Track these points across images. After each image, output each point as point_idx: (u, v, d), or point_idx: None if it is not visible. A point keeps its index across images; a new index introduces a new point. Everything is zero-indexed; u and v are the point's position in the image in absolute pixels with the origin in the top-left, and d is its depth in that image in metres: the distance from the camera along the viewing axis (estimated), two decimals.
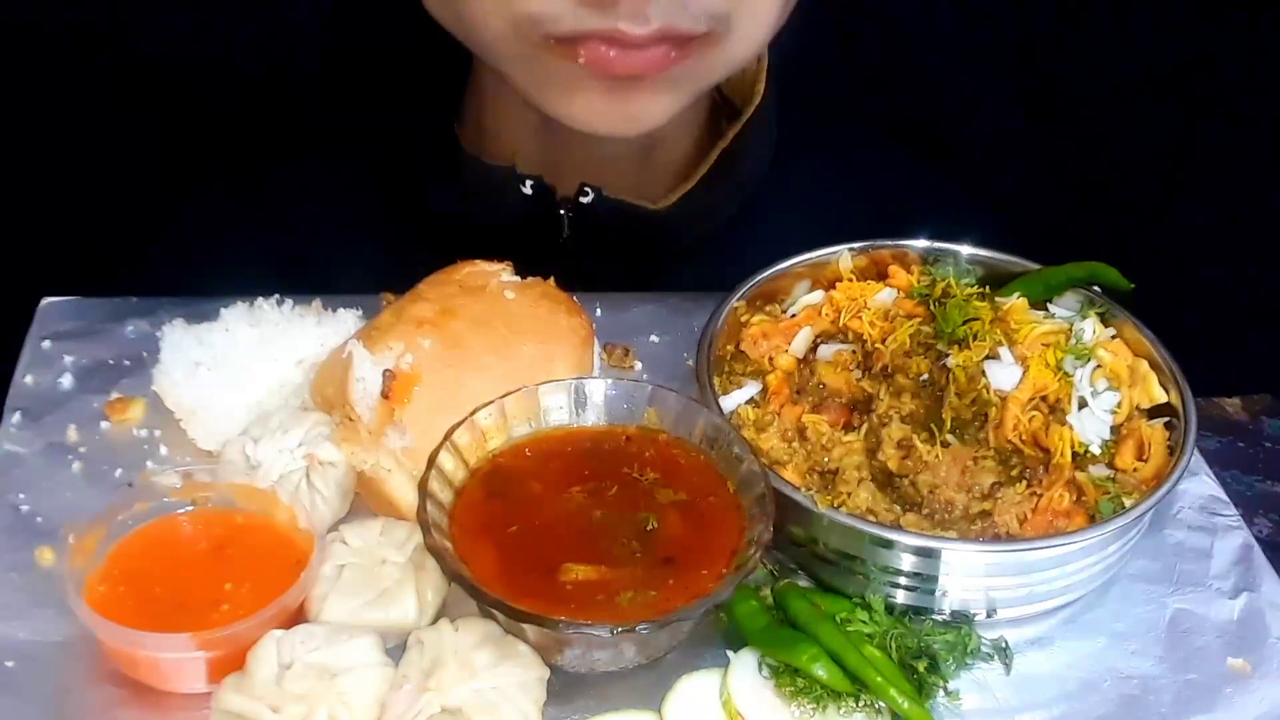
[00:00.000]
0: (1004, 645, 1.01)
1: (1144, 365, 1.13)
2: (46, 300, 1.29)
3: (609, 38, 1.07)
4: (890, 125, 1.80)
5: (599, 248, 1.34)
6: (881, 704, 0.94)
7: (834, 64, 1.69)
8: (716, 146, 1.37)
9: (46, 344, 1.23)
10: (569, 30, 1.08)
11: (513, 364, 1.09)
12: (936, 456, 1.04)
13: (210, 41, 1.65)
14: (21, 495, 1.08)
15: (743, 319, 1.19)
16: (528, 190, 1.32)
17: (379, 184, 1.42)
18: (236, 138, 1.54)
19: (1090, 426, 1.07)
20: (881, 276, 1.22)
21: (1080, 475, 1.05)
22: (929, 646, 0.98)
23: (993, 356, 1.09)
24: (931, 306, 1.14)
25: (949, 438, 1.06)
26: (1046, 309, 1.20)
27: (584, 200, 1.32)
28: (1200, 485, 1.17)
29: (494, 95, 1.36)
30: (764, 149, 1.42)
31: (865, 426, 1.08)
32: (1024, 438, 1.06)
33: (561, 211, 1.34)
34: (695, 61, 1.14)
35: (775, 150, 1.43)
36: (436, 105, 1.38)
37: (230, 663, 0.92)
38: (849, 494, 1.04)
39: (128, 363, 1.22)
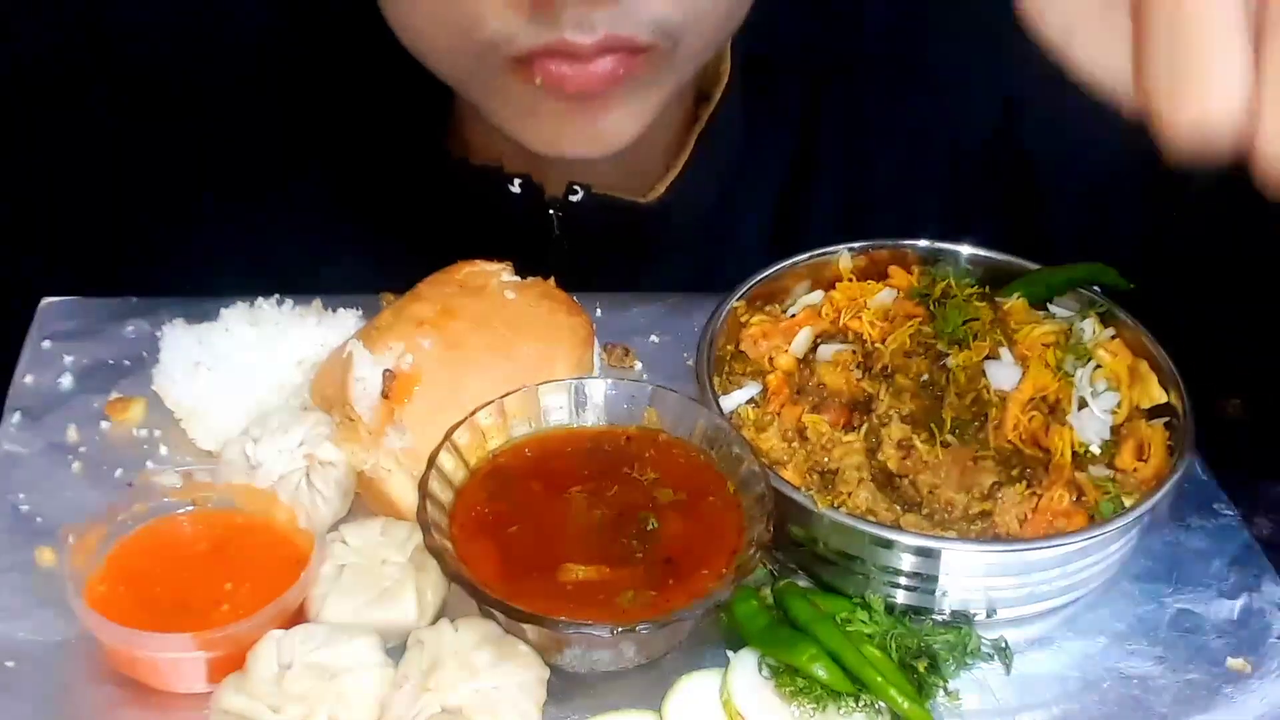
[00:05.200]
0: (1004, 645, 1.01)
1: (1144, 365, 1.13)
2: (46, 300, 1.29)
3: (559, 51, 1.08)
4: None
5: (591, 244, 1.35)
6: (881, 704, 0.94)
7: (805, 34, 1.68)
8: (693, 132, 1.38)
9: (46, 344, 1.23)
10: (523, 49, 1.09)
11: (513, 364, 1.09)
12: (936, 456, 1.04)
13: (207, 44, 1.65)
14: (21, 495, 1.08)
15: (743, 319, 1.19)
16: (515, 189, 1.32)
17: (370, 188, 1.43)
18: (235, 140, 1.54)
19: (1090, 426, 1.07)
20: (881, 276, 1.22)
21: (1080, 475, 1.05)
22: (929, 646, 0.98)
23: (993, 356, 1.09)
24: (931, 307, 1.14)
25: (949, 438, 1.06)
26: (1046, 309, 1.20)
27: (573, 199, 1.32)
28: (1200, 485, 1.17)
29: None
30: (736, 128, 1.43)
31: (865, 426, 1.08)
32: (1024, 438, 1.06)
33: (551, 210, 1.35)
34: (647, 75, 1.14)
35: (750, 127, 1.43)
36: (422, 111, 1.39)
37: (230, 663, 0.92)
38: (849, 494, 1.04)
39: (128, 363, 1.22)
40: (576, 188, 1.32)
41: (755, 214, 1.45)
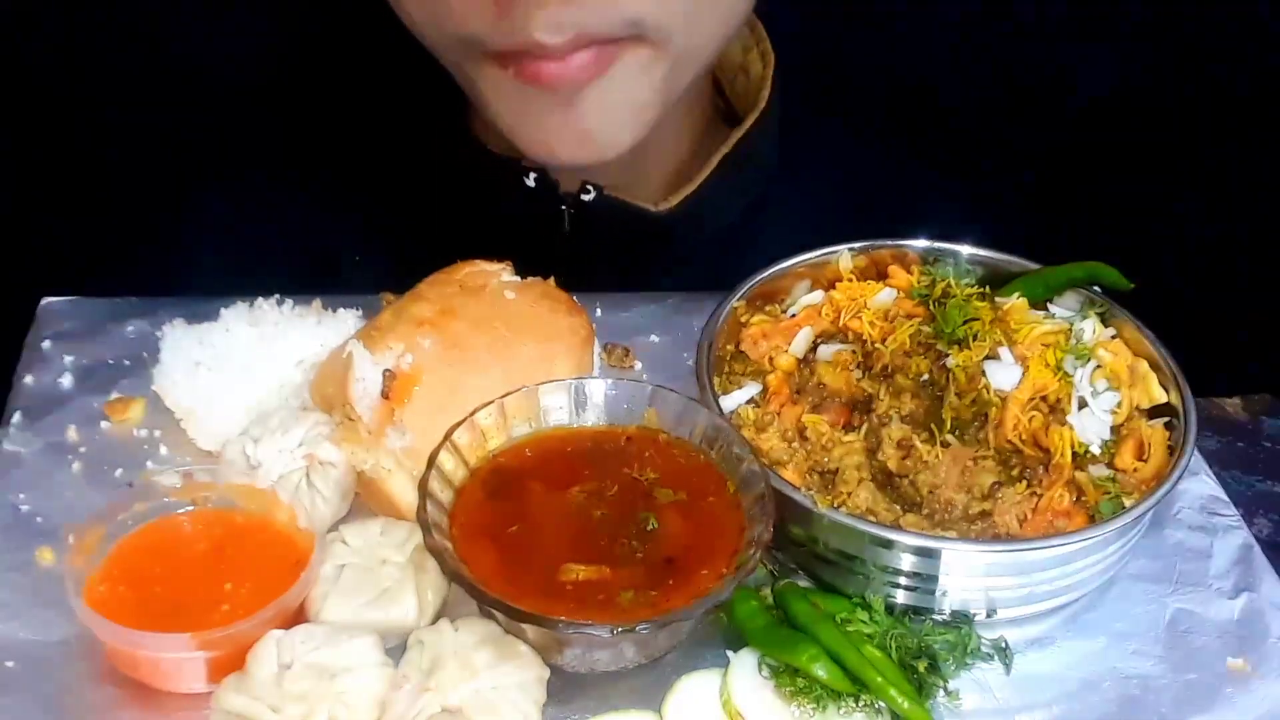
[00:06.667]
0: (1004, 645, 1.01)
1: (1144, 365, 1.13)
2: (46, 300, 1.29)
3: (532, 51, 1.08)
4: (893, 125, 1.79)
5: (598, 246, 1.34)
6: (881, 704, 0.94)
7: (836, 65, 1.68)
8: (719, 150, 1.37)
9: (46, 344, 1.24)
10: (497, 48, 1.10)
11: (513, 364, 1.09)
12: (936, 456, 1.04)
13: (212, 42, 1.65)
14: (21, 495, 1.09)
15: (743, 319, 1.19)
16: (531, 182, 1.32)
17: (388, 172, 1.43)
18: (240, 138, 1.55)
19: (1090, 426, 1.07)
20: (881, 276, 1.22)
21: (1080, 475, 1.05)
22: (929, 646, 0.98)
23: (993, 356, 1.09)
24: (931, 306, 1.14)
25: (949, 438, 1.06)
26: (1046, 309, 1.20)
27: (585, 197, 1.32)
28: (1200, 485, 1.17)
29: None
30: (768, 156, 1.42)
31: (865, 426, 1.08)
32: (1024, 438, 1.06)
33: (563, 207, 1.35)
34: (635, 66, 1.13)
35: (785, 160, 1.43)
36: (449, 97, 1.39)
37: (230, 663, 0.92)
38: (849, 494, 1.04)
39: (128, 363, 1.22)
40: (590, 186, 1.32)
41: (779, 248, 1.43)
